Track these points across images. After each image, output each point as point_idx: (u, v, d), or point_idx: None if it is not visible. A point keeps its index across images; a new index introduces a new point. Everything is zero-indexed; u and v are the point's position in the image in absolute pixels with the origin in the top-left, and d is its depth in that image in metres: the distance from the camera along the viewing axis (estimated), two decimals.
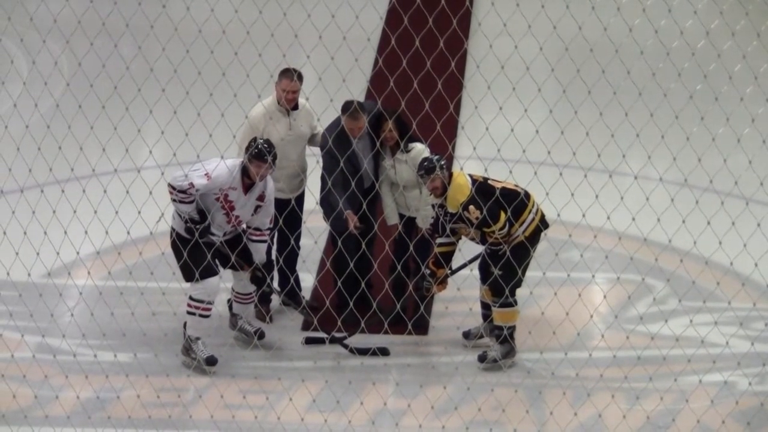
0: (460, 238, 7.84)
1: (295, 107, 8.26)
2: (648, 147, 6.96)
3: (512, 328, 7.86)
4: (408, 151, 8.07)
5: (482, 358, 7.90)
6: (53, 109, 7.51)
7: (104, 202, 6.78)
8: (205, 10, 7.00)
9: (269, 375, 7.71)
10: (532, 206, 7.67)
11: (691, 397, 7.36)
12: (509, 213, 7.53)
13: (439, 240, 7.83)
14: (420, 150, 8.05)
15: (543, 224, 7.73)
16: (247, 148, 7.61)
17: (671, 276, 8.38)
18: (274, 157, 7.55)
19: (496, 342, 7.90)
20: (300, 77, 8.14)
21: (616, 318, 8.04)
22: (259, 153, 7.50)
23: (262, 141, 7.61)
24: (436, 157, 7.66)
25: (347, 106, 7.96)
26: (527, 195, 7.67)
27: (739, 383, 7.58)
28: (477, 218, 7.48)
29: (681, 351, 7.54)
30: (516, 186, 7.70)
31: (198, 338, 7.82)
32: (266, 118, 8.14)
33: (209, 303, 7.72)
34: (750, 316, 8.10)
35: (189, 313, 7.77)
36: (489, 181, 7.66)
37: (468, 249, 8.06)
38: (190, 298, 7.73)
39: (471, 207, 7.50)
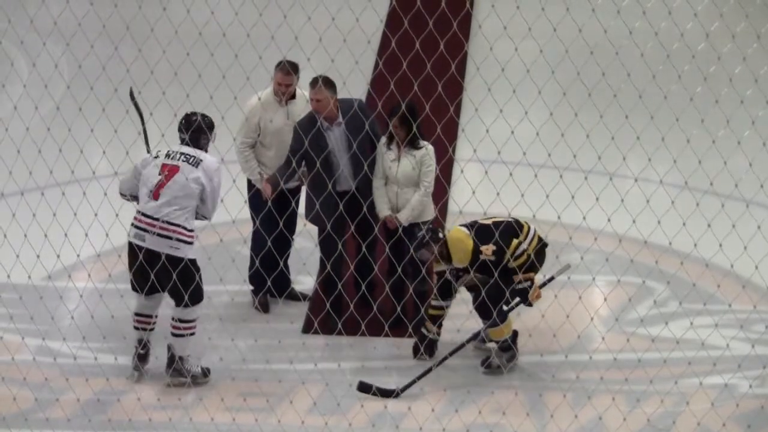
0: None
1: (293, 97, 8.30)
2: (648, 149, 6.95)
3: (513, 334, 7.84)
4: (419, 148, 8.02)
5: (485, 363, 7.89)
6: (53, 112, 7.53)
7: (104, 204, 6.78)
8: (206, 12, 7.01)
9: (269, 377, 7.70)
10: (528, 230, 7.67)
11: (691, 400, 7.35)
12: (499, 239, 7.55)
13: (435, 303, 7.94)
14: (429, 150, 8.01)
15: (541, 243, 7.73)
16: None
17: (672, 278, 8.38)
18: None
19: (498, 349, 7.88)
20: (295, 69, 8.16)
21: (617, 320, 8.03)
22: None
23: None
24: (428, 228, 7.75)
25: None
26: (518, 222, 7.67)
27: (740, 386, 7.57)
28: (494, 252, 7.49)
29: (681, 353, 7.54)
30: (502, 218, 7.67)
31: (188, 356, 7.74)
32: (261, 109, 8.18)
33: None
34: (750, 319, 8.10)
35: (178, 335, 7.63)
36: (479, 222, 7.67)
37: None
38: (180, 320, 7.59)
39: (483, 248, 7.51)
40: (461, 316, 7.90)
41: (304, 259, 8.62)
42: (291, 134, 8.20)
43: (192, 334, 7.62)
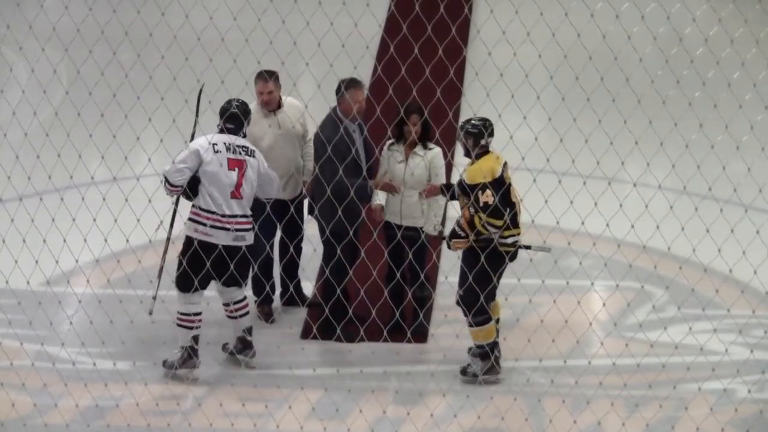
0: None
1: (280, 106, 8.27)
2: (647, 154, 6.95)
3: (494, 344, 7.76)
4: (429, 149, 7.99)
5: (463, 371, 7.84)
6: (52, 117, 7.51)
7: (103, 209, 6.78)
8: (204, 17, 7.01)
9: (268, 383, 7.70)
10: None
11: (690, 405, 7.35)
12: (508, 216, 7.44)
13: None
14: (438, 152, 7.97)
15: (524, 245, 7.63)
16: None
17: (670, 283, 8.37)
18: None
19: (473, 355, 7.81)
20: (272, 75, 8.11)
21: (616, 325, 8.04)
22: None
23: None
24: (484, 122, 7.45)
25: (350, 81, 7.88)
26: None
27: (739, 391, 7.57)
28: (485, 203, 7.35)
29: (680, 358, 7.53)
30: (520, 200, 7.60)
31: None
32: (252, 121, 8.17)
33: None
34: (749, 324, 8.10)
35: (242, 315, 7.87)
36: (511, 187, 7.54)
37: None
38: (239, 301, 7.80)
39: (488, 192, 7.38)
40: (460, 322, 7.89)
41: (303, 265, 8.61)
42: (284, 143, 8.19)
43: (248, 310, 7.88)
